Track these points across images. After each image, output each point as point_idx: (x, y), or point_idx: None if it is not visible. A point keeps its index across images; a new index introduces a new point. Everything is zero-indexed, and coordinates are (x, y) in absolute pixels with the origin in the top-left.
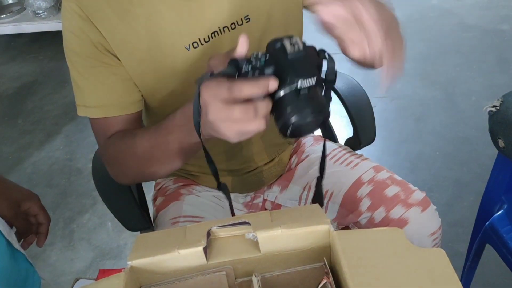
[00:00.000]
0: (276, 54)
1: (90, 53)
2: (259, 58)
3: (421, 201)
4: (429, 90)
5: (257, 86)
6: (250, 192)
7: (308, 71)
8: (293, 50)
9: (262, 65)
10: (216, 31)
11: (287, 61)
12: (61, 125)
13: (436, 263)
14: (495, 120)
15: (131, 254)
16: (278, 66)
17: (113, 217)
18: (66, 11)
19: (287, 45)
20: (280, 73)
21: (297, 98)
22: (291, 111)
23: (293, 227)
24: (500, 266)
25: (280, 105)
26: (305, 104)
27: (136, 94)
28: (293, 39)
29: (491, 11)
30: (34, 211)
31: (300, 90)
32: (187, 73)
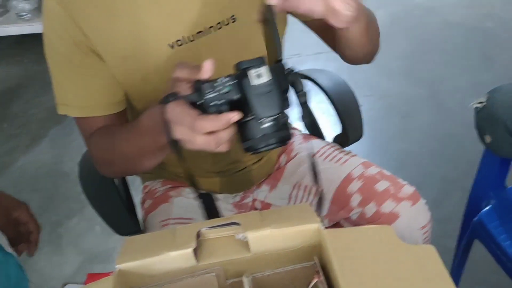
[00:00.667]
0: (242, 83)
1: (72, 53)
2: (223, 84)
3: (411, 195)
4: (415, 88)
5: (220, 123)
6: (239, 192)
7: (273, 106)
8: (258, 83)
9: (227, 91)
10: (202, 31)
11: (252, 95)
12: (47, 129)
13: (427, 260)
14: (482, 116)
15: (119, 257)
16: (243, 96)
17: (102, 221)
18: (48, 9)
19: (253, 77)
20: (245, 104)
21: (261, 128)
22: (254, 140)
23: (283, 227)
24: (488, 261)
25: (244, 130)
26: (269, 133)
27: (118, 94)
28: (261, 68)
29: (474, 9)
30: (24, 219)
31: (264, 121)
32: (171, 71)
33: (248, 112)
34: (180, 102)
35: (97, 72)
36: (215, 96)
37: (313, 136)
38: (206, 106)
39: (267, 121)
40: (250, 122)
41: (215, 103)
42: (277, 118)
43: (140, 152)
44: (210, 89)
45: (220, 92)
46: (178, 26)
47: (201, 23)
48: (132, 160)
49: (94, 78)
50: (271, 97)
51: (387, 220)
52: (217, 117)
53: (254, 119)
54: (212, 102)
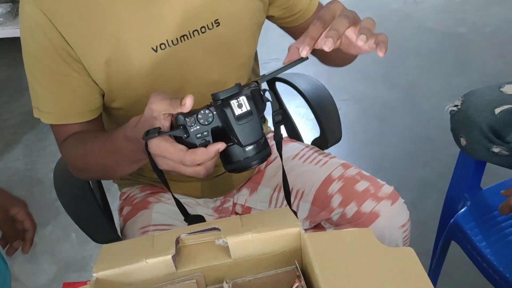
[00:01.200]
0: (223, 114)
1: (49, 58)
2: (207, 115)
3: (390, 195)
4: (392, 92)
5: (209, 155)
6: (219, 196)
7: (254, 133)
8: (240, 113)
9: (210, 122)
10: (185, 35)
11: (235, 125)
12: (20, 134)
13: (406, 262)
14: (457, 119)
15: (97, 265)
16: (225, 126)
17: (77, 228)
18: (26, 14)
19: (234, 107)
20: (228, 133)
21: (244, 152)
22: (237, 162)
23: (263, 231)
24: (465, 262)
25: (227, 154)
26: (251, 156)
27: (93, 102)
28: (240, 98)
29: (448, 15)
30: (21, 217)
31: (246, 147)
32: (153, 75)
33: (231, 141)
34: (165, 137)
35: (72, 80)
36: (199, 128)
37: (292, 139)
38: (191, 139)
39: (248, 147)
40: (233, 147)
41: (200, 135)
42: (257, 142)
43: (115, 163)
44: (193, 123)
45: (204, 124)
46: (161, 29)
47: (185, 26)
48: (106, 169)
49: (69, 86)
50: (252, 125)
51: (368, 220)
52: (206, 150)
53: (236, 144)
54: (197, 134)
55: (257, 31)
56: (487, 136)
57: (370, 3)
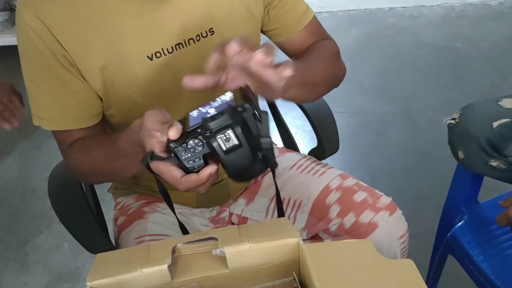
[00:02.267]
0: (212, 146)
1: (50, 66)
2: (196, 145)
3: (388, 205)
4: (388, 105)
5: (202, 181)
6: (215, 206)
7: (244, 161)
8: (227, 147)
9: (200, 151)
10: (181, 43)
11: (223, 158)
12: (14, 143)
13: (406, 274)
14: (455, 132)
15: (91, 274)
16: (215, 155)
17: (70, 238)
18: (23, 21)
19: (222, 143)
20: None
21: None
22: (234, 176)
23: (261, 241)
24: (462, 276)
25: (223, 166)
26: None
27: (95, 108)
28: (226, 133)
29: (445, 29)
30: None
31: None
32: (149, 83)
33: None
34: (161, 162)
35: (73, 85)
36: (190, 156)
37: (289, 150)
38: (184, 165)
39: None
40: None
41: (192, 162)
42: (249, 169)
43: (122, 167)
44: (183, 151)
45: (194, 152)
46: (157, 38)
47: (180, 35)
48: (114, 172)
49: (70, 92)
50: (241, 155)
51: (366, 230)
52: (198, 177)
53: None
54: (189, 161)
55: (253, 40)
56: (485, 149)
57: (367, 17)
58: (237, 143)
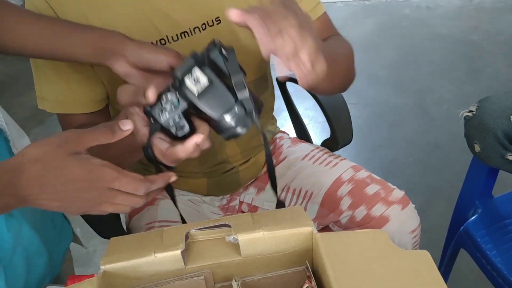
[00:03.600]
0: (184, 93)
1: None
2: (171, 101)
3: (401, 199)
4: (402, 97)
5: (189, 151)
6: (226, 194)
7: (223, 103)
8: (199, 89)
9: (177, 106)
10: (186, 31)
11: (199, 103)
12: (28, 128)
13: (421, 265)
14: (471, 125)
15: (105, 258)
16: (192, 105)
17: (82, 223)
18: (32, 5)
19: (192, 85)
20: (199, 109)
21: (224, 123)
22: (225, 132)
23: (275, 229)
24: (473, 271)
25: (213, 127)
26: (234, 125)
27: (100, 92)
28: (194, 73)
29: (461, 22)
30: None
31: (224, 117)
32: None
33: (206, 116)
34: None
35: (79, 68)
36: (168, 116)
37: (302, 140)
38: (167, 129)
39: (226, 117)
40: (213, 122)
41: (173, 123)
42: (233, 109)
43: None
44: (160, 111)
45: (171, 110)
46: (162, 26)
47: (185, 23)
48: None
49: (76, 73)
50: (217, 95)
51: (378, 224)
52: (184, 147)
53: (214, 119)
54: (170, 123)
55: None
56: (502, 143)
57: (382, 8)
58: (207, 83)
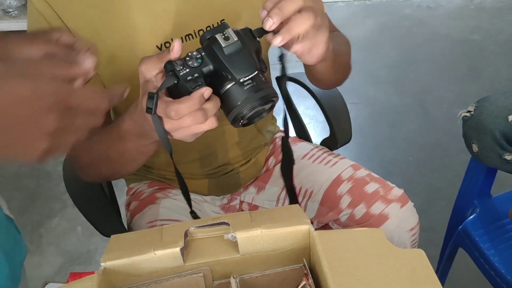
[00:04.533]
0: (211, 50)
1: None
2: (194, 57)
3: (400, 197)
4: (402, 97)
5: (193, 101)
6: (226, 194)
7: (247, 64)
8: (227, 44)
9: (199, 64)
10: (190, 34)
11: (224, 58)
12: None
13: (417, 264)
14: (469, 125)
15: (105, 255)
16: (215, 64)
17: (83, 221)
18: (34, 8)
19: (221, 40)
20: (220, 70)
21: (242, 91)
22: (240, 105)
23: (273, 227)
24: (471, 270)
25: (227, 99)
26: (251, 96)
27: None
28: (225, 31)
29: (462, 22)
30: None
31: (243, 82)
32: None
33: (226, 80)
34: (162, 100)
35: None
36: (189, 71)
37: (301, 139)
38: (183, 84)
39: (246, 83)
40: (230, 89)
41: (191, 78)
42: (255, 78)
43: (121, 156)
44: (182, 66)
45: (193, 66)
46: (167, 28)
47: (190, 26)
48: (113, 164)
49: None
50: (243, 56)
51: (377, 222)
52: (189, 96)
53: (233, 84)
54: (188, 77)
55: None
56: (500, 143)
57: (383, 8)
58: (237, 39)
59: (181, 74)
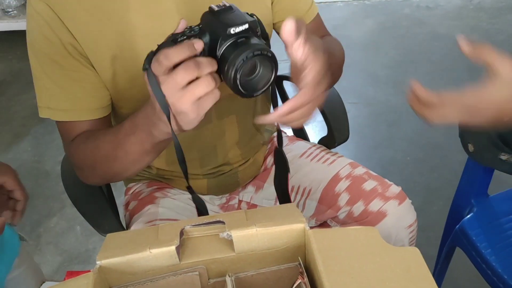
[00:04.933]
0: (207, 20)
1: (58, 54)
2: (193, 29)
3: (398, 195)
4: (401, 96)
5: (182, 49)
6: (225, 193)
7: (238, 19)
8: (221, 7)
9: (196, 32)
10: None
11: (216, 18)
12: (29, 127)
13: (411, 262)
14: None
15: (100, 253)
16: (210, 28)
17: (82, 221)
18: (33, 9)
19: (215, 6)
20: (214, 32)
21: (235, 47)
22: (232, 59)
23: (268, 226)
24: (469, 269)
25: (223, 61)
26: (243, 48)
27: (104, 99)
28: (222, 2)
29: (461, 22)
30: (10, 186)
31: (236, 40)
32: None
33: (220, 39)
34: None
35: (83, 75)
36: (186, 37)
37: (299, 138)
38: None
39: (240, 40)
40: (225, 50)
41: (189, 31)
42: (248, 36)
43: (127, 155)
44: (180, 36)
45: (190, 34)
46: (167, 26)
47: (190, 23)
48: (118, 164)
49: (80, 82)
50: (235, 14)
51: (375, 219)
52: (180, 44)
53: (227, 43)
54: (186, 32)
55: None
56: (495, 143)
57: (382, 8)
58: (228, 4)
59: (179, 40)
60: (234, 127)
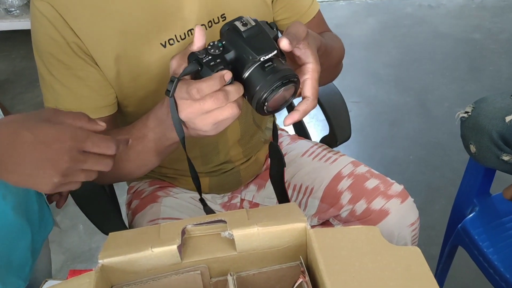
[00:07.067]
0: (231, 37)
1: (65, 54)
2: (216, 46)
3: (400, 193)
4: (403, 96)
5: (214, 80)
6: (227, 192)
7: (267, 45)
8: (246, 28)
9: (220, 51)
10: (192, 29)
11: (243, 41)
12: None
13: (412, 261)
14: (467, 126)
15: (102, 252)
16: (236, 49)
17: (85, 220)
18: (37, 11)
19: (239, 25)
20: (241, 54)
21: (264, 72)
22: (261, 87)
23: (269, 225)
24: (471, 268)
25: (249, 85)
26: (273, 77)
27: (109, 97)
28: (243, 18)
29: (463, 21)
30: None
31: (264, 64)
32: (162, 70)
33: (247, 63)
34: (183, 82)
35: (88, 74)
36: (211, 58)
37: (301, 137)
38: (206, 69)
39: (267, 65)
40: (251, 73)
41: (213, 64)
42: (274, 60)
43: (138, 156)
44: (204, 54)
45: (215, 53)
46: (169, 25)
47: (192, 21)
48: (128, 164)
49: (86, 80)
50: (262, 38)
51: (377, 217)
52: (210, 76)
53: (254, 67)
54: (210, 63)
55: None
56: (497, 143)
57: (384, 6)
58: (254, 24)
59: (204, 61)
60: (235, 125)
